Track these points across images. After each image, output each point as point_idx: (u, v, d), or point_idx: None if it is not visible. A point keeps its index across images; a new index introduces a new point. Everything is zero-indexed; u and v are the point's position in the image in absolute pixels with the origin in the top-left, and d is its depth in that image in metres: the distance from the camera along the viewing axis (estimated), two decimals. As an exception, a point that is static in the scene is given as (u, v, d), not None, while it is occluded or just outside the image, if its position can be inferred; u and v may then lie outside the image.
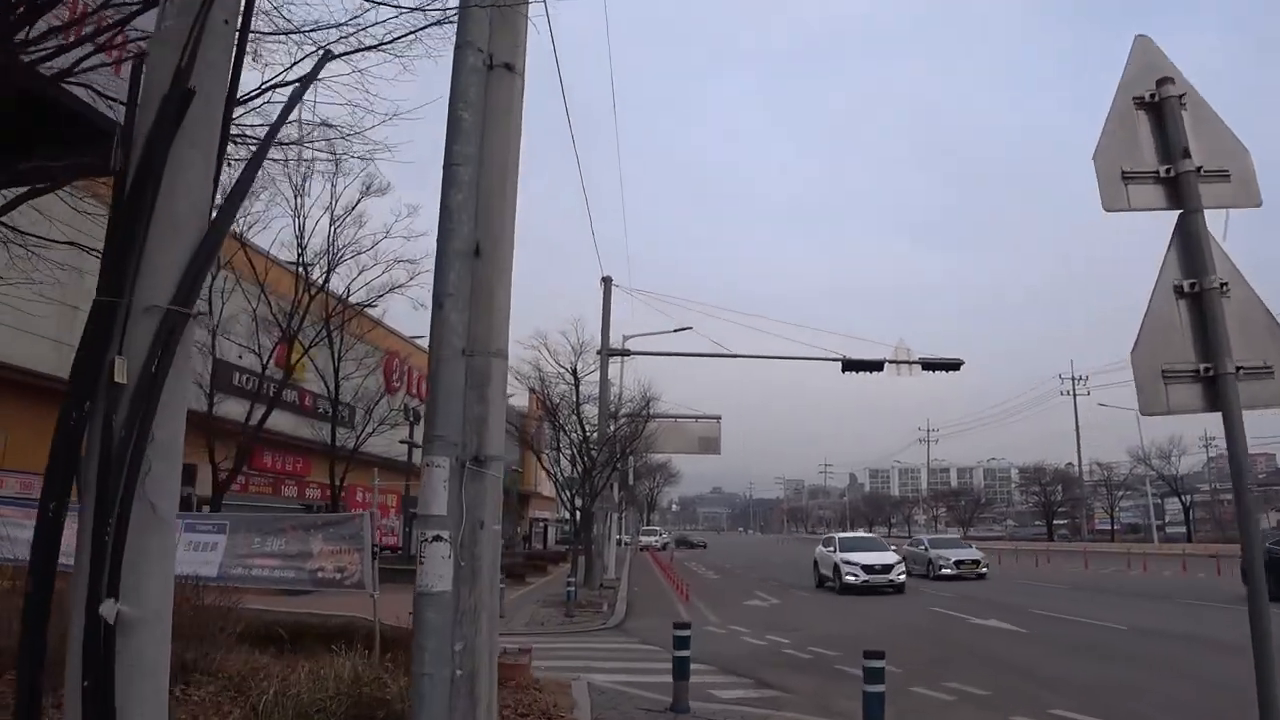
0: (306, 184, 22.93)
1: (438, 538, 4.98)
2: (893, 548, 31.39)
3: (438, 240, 5.45)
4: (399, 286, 24.98)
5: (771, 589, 29.82)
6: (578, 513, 21.27)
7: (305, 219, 23.55)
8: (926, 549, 34.01)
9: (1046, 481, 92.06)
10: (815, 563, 30.38)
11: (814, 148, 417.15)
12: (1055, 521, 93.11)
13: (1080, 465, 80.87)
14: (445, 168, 5.52)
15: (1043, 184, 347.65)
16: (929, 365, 27.15)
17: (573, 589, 18.83)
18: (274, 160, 9.84)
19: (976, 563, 32.34)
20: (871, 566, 26.60)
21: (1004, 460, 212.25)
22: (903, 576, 26.95)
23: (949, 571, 31.56)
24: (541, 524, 66.66)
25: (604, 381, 24.97)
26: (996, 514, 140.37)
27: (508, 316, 5.57)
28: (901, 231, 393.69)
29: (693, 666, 10.48)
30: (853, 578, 26.46)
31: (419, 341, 46.21)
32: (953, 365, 27.14)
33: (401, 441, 33.97)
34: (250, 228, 24.06)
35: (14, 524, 16.65)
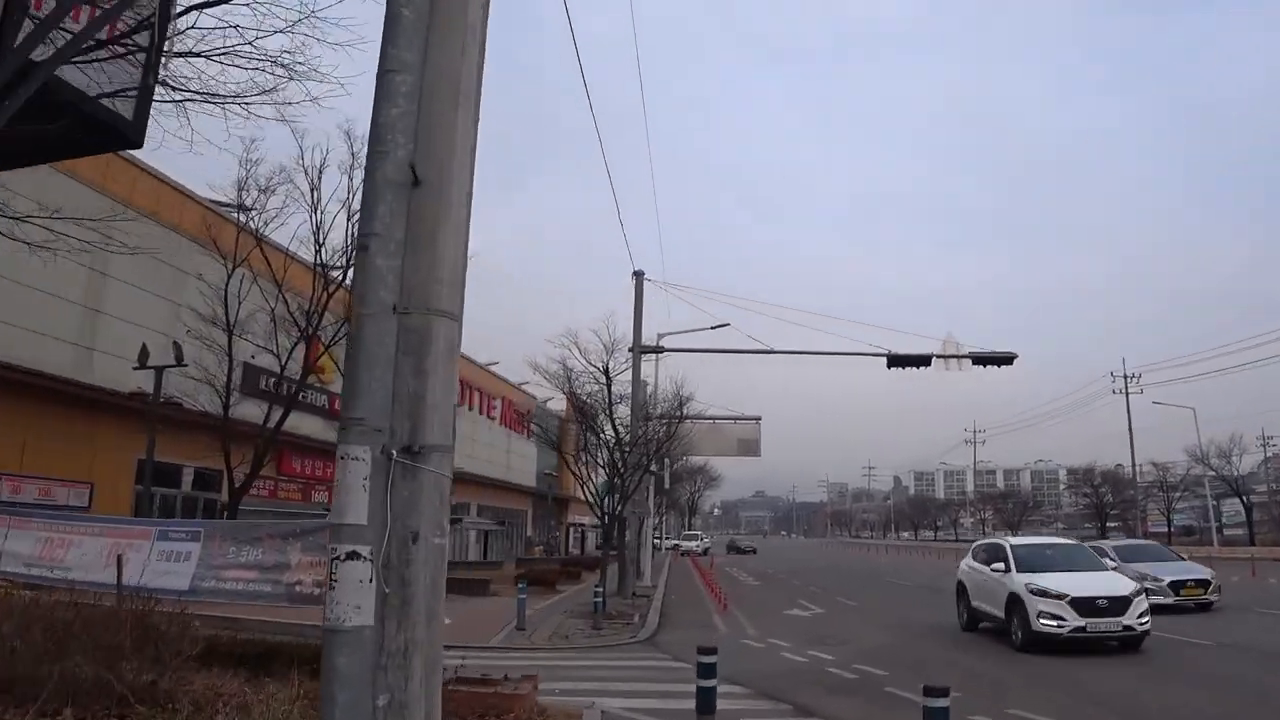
0: (320, 176, 21.87)
1: (353, 555, 3.71)
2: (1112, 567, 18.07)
3: (365, 166, 4.21)
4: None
5: (815, 596, 28.29)
6: (606, 517, 19.87)
7: (322, 213, 22.49)
8: (1119, 564, 19.53)
9: (1098, 483, 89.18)
10: (961, 589, 18.68)
11: (857, 147, 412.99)
12: (1107, 524, 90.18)
13: (1134, 465, 77.95)
14: (379, 76, 4.26)
15: (1090, 182, 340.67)
16: (979, 360, 25.52)
17: (600, 599, 17.54)
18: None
19: (1205, 585, 20.62)
20: (1091, 603, 14.24)
21: (1051, 462, 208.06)
22: (1147, 620, 14.45)
23: (1165, 600, 19.55)
24: (580, 529, 65.48)
25: (636, 379, 23.68)
26: (1044, 516, 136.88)
27: (460, 267, 4.29)
28: (944, 231, 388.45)
29: (724, 689, 9.18)
30: (1053, 623, 14.27)
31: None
32: (1005, 359, 25.47)
33: (430, 445, 33.01)
34: (268, 224, 23.13)
35: (17, 535, 15.78)
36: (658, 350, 24.79)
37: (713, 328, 26.02)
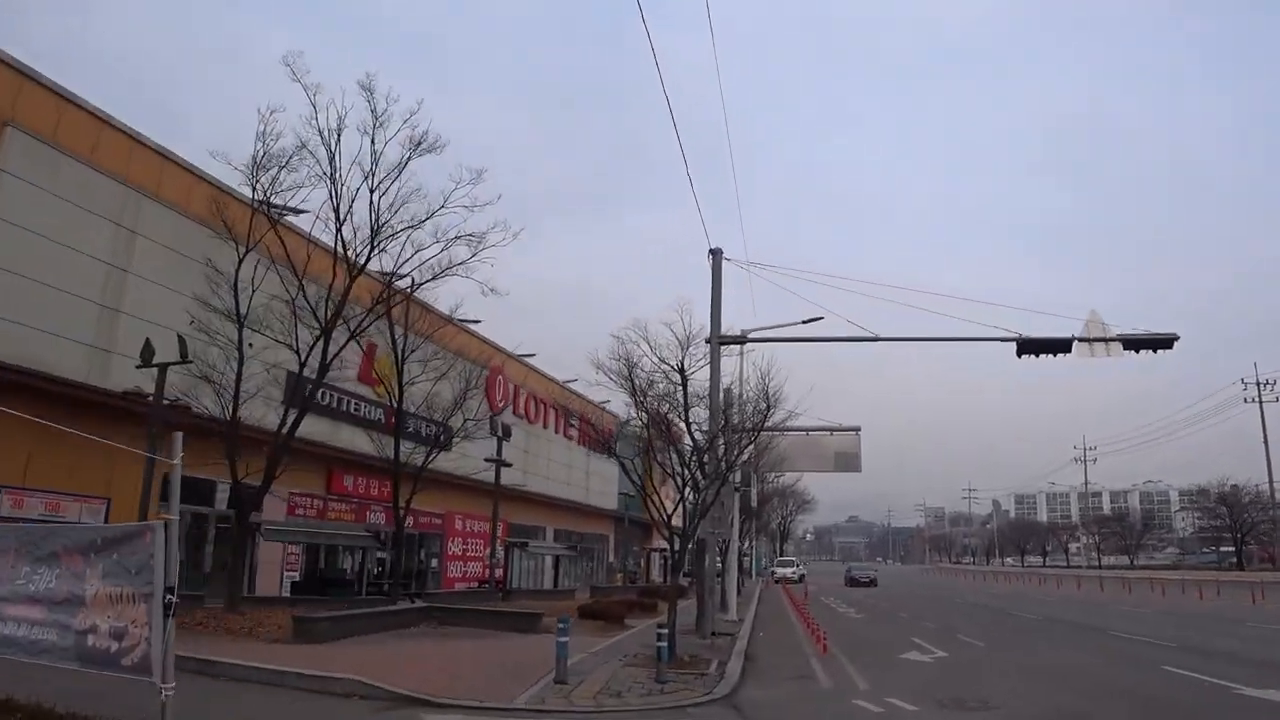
0: (339, 138, 18.52)
1: None
2: None
3: None
4: (459, 265, 20.20)
5: (931, 635, 23.57)
6: (675, 538, 15.72)
7: (343, 185, 19.12)
8: None
9: (1226, 502, 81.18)
10: None
11: (949, 158, 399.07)
12: (1225, 548, 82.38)
13: (1271, 482, 69.94)
14: None
15: (1209, 185, 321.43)
16: (1132, 344, 20.63)
17: (666, 643, 13.36)
18: None
19: None
20: None
21: (1161, 483, 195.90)
22: None
23: None
24: (665, 555, 61.18)
25: (715, 373, 19.55)
26: (1156, 540, 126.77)
27: None
28: (1037, 245, 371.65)
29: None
30: None
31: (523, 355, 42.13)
32: (1163, 342, 20.52)
33: (487, 460, 29.26)
34: (285, 204, 19.85)
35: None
36: (740, 340, 20.61)
37: (804, 322, 21.78)
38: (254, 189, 19.21)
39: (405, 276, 20.38)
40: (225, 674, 12.79)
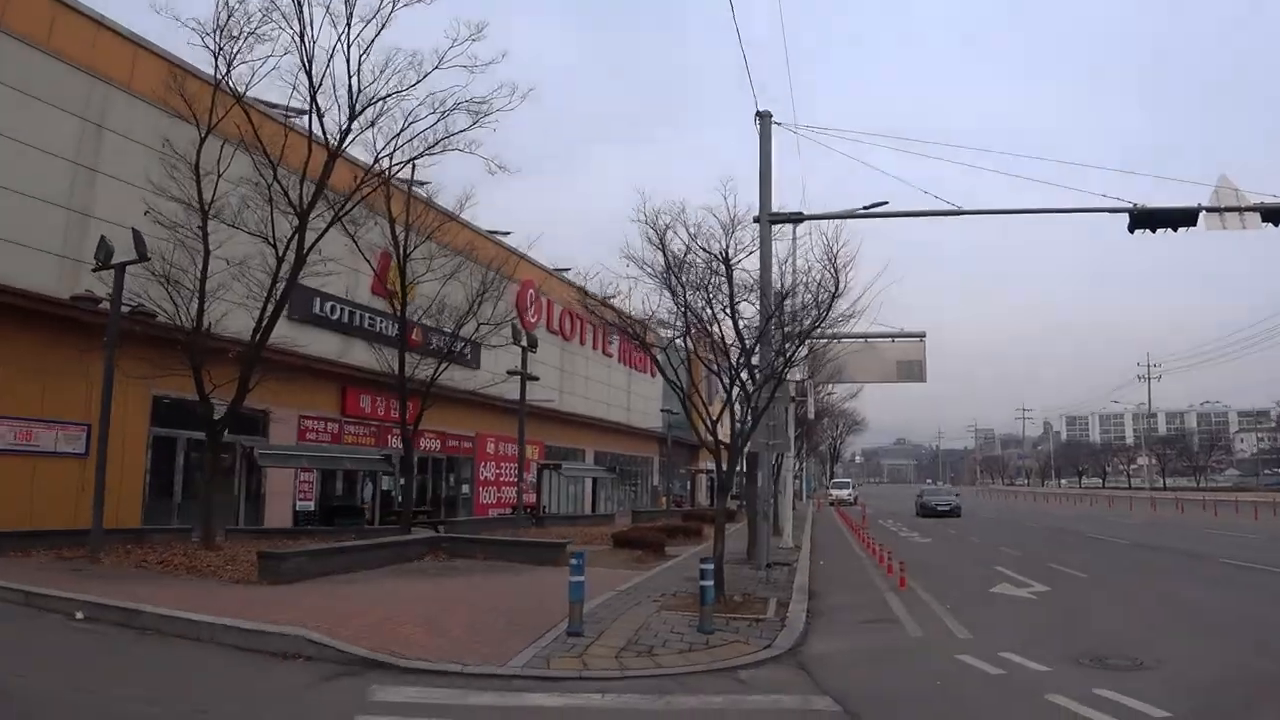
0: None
1: None
2: None
3: None
4: (457, 135, 16.76)
5: (1018, 563, 20.29)
6: (723, 446, 12.40)
7: (314, 41, 15.69)
8: None
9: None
10: None
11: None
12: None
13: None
14: None
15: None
16: (1272, 214, 16.81)
17: (709, 582, 10.16)
18: None
19: None
20: None
21: (1219, 403, 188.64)
22: None
23: None
24: (713, 477, 58.29)
25: (765, 255, 16.10)
26: (1213, 463, 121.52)
27: None
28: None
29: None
30: None
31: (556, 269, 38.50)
32: (1316, 211, 16.66)
33: (510, 372, 26.10)
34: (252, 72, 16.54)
35: None
36: (795, 218, 17.04)
37: (865, 209, 18.16)
38: (216, 57, 15.89)
39: (398, 151, 16.93)
40: (150, 626, 9.94)
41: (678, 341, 13.64)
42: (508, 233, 35.37)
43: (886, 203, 18.71)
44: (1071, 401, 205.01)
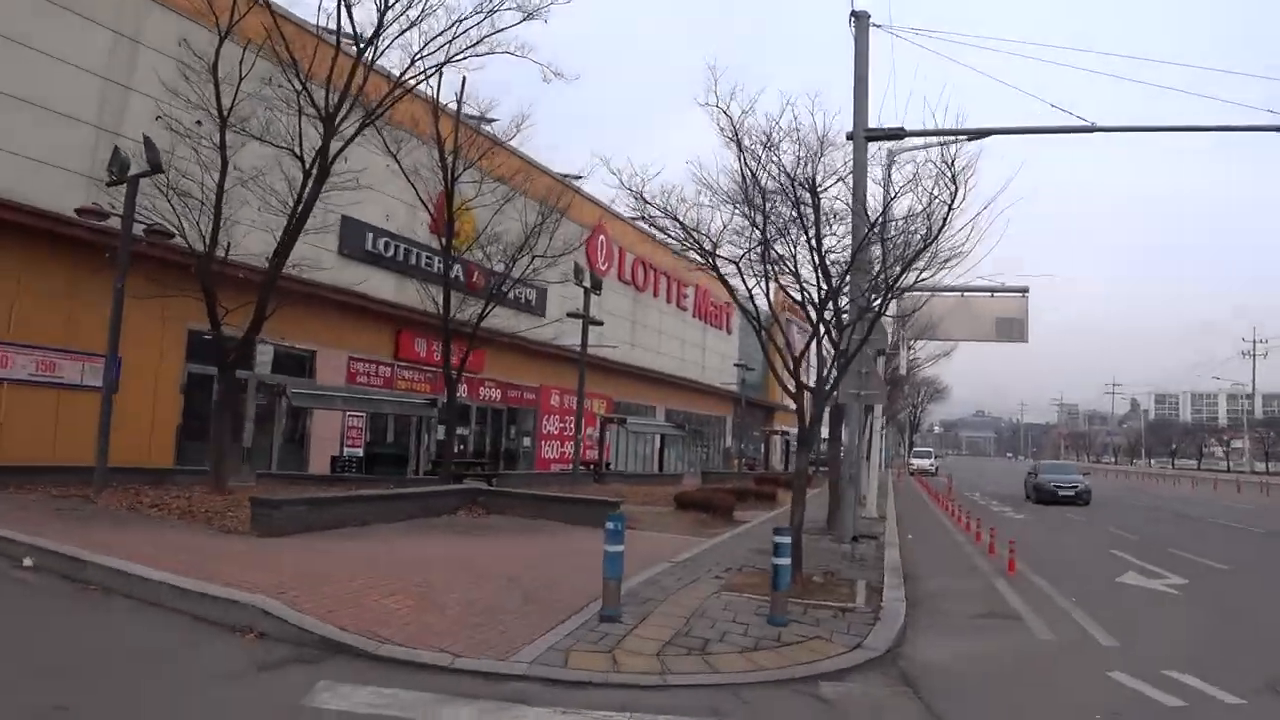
0: None
1: None
2: None
3: None
4: (506, 30, 14.41)
5: (1137, 548, 17.49)
6: (807, 394, 9.89)
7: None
8: None
9: None
10: None
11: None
12: None
13: None
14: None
15: None
16: None
17: (784, 560, 7.75)
18: None
19: None
20: None
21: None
22: None
23: None
24: (788, 439, 55.67)
25: (860, 178, 13.49)
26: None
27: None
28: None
29: None
30: None
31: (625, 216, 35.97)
32: None
33: (571, 314, 23.86)
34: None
35: None
36: (895, 134, 14.30)
37: (971, 136, 15.29)
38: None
39: (440, 52, 14.59)
40: (95, 580, 8.05)
41: (754, 266, 11.07)
42: (580, 176, 33.11)
43: (990, 132, 15.85)
44: (1159, 378, 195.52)
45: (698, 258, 10.81)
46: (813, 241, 10.78)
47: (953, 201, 9.69)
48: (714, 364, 46.71)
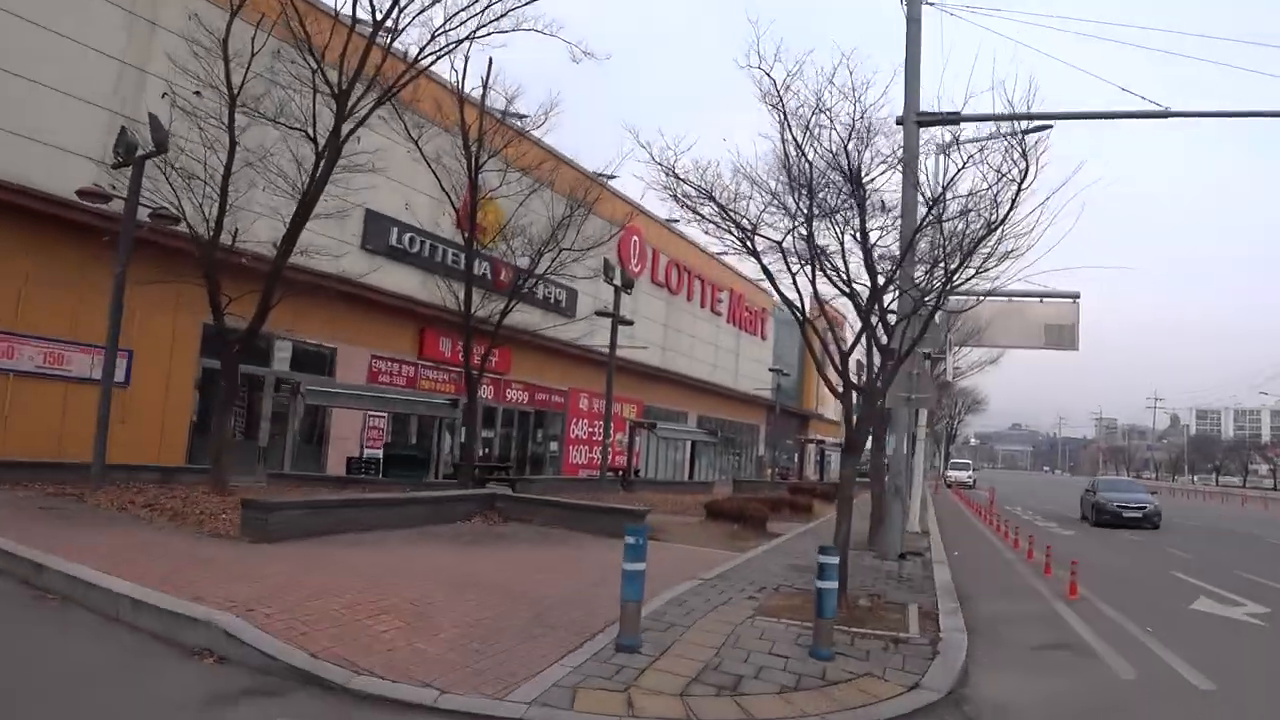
0: None
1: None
2: None
3: None
4: (527, 4, 13.47)
5: (1200, 570, 16.13)
6: (859, 397, 8.76)
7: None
8: None
9: None
10: None
11: None
12: None
13: None
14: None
15: None
16: None
17: (830, 584, 6.64)
18: None
19: None
20: None
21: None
22: None
23: None
24: (821, 448, 54.26)
25: (911, 164, 12.33)
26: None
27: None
28: None
29: None
30: None
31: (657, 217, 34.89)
32: None
33: (599, 313, 22.87)
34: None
35: None
36: (950, 119, 13.14)
37: (1032, 125, 14.09)
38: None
39: (462, 27, 13.66)
40: (57, 589, 7.18)
41: (797, 248, 9.92)
42: (613, 176, 32.15)
43: (1050, 125, 14.65)
44: (1200, 394, 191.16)
45: (735, 241, 9.71)
46: (856, 234, 9.70)
47: (1023, 180, 8.58)
48: (748, 370, 45.54)
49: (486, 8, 13.20)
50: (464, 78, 16.44)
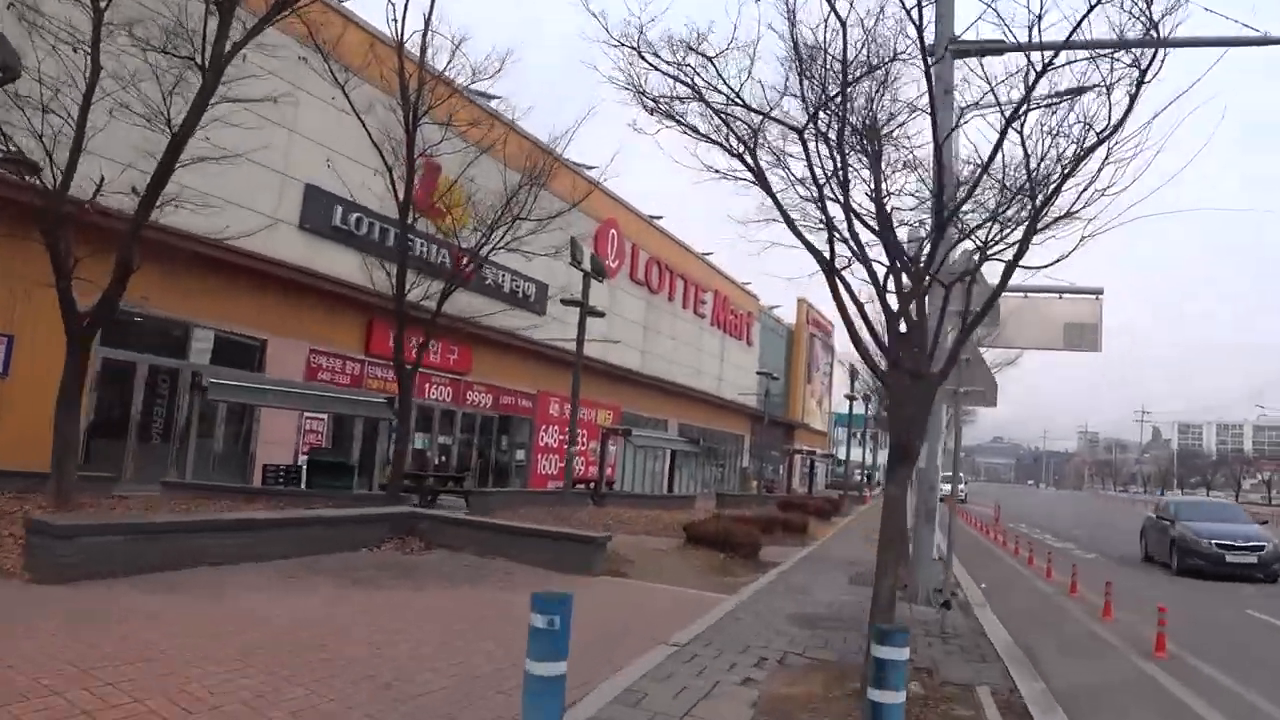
0: None
1: None
2: None
3: None
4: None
5: (1276, 603, 13.38)
6: (909, 378, 5.91)
7: None
8: None
9: None
10: None
11: None
12: None
13: None
14: None
15: None
16: None
17: (895, 702, 3.83)
18: None
19: None
20: None
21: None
22: None
23: None
24: (809, 459, 51.44)
25: (943, 102, 9.50)
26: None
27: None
28: None
29: None
30: None
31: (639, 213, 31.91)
32: None
33: (565, 301, 19.93)
34: None
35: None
36: (994, 48, 10.33)
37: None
38: None
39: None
40: None
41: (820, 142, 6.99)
42: (592, 166, 29.37)
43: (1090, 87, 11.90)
44: (1181, 407, 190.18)
45: (728, 167, 6.83)
46: (871, 194, 6.88)
47: (1139, 86, 5.79)
48: (732, 377, 42.72)
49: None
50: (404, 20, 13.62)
